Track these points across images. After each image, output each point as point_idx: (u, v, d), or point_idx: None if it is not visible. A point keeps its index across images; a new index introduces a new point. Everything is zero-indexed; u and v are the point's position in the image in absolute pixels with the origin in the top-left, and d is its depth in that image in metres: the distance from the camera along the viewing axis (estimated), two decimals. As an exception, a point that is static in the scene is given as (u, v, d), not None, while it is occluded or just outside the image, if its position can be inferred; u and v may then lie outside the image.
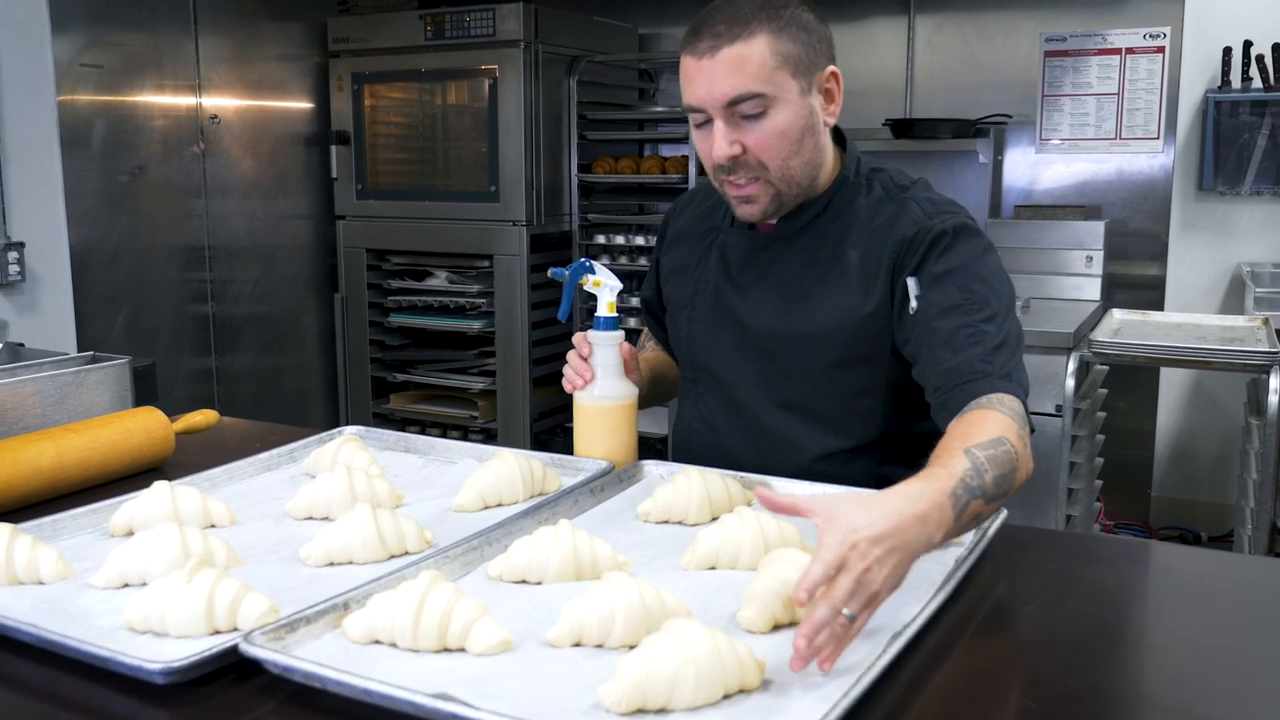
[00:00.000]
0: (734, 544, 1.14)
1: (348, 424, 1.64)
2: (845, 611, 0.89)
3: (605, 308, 1.48)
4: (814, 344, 1.47)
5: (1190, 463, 3.84)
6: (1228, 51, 3.55)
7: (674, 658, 0.83)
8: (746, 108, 1.36)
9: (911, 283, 1.40)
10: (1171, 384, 3.83)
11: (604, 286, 1.49)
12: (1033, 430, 1.31)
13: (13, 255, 3.27)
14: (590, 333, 1.49)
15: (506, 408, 4.16)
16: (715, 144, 1.38)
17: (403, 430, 3.06)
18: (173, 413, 1.64)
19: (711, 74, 1.35)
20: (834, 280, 1.47)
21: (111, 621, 1.02)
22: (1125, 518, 3.88)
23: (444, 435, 4.19)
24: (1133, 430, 3.87)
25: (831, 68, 1.43)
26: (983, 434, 1.18)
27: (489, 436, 4.20)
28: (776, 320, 1.50)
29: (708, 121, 1.39)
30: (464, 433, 4.27)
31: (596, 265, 1.49)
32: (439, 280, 4.29)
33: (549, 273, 1.55)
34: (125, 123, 3.66)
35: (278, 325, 4.30)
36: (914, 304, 1.39)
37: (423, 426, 4.35)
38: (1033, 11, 3.98)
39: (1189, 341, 3.01)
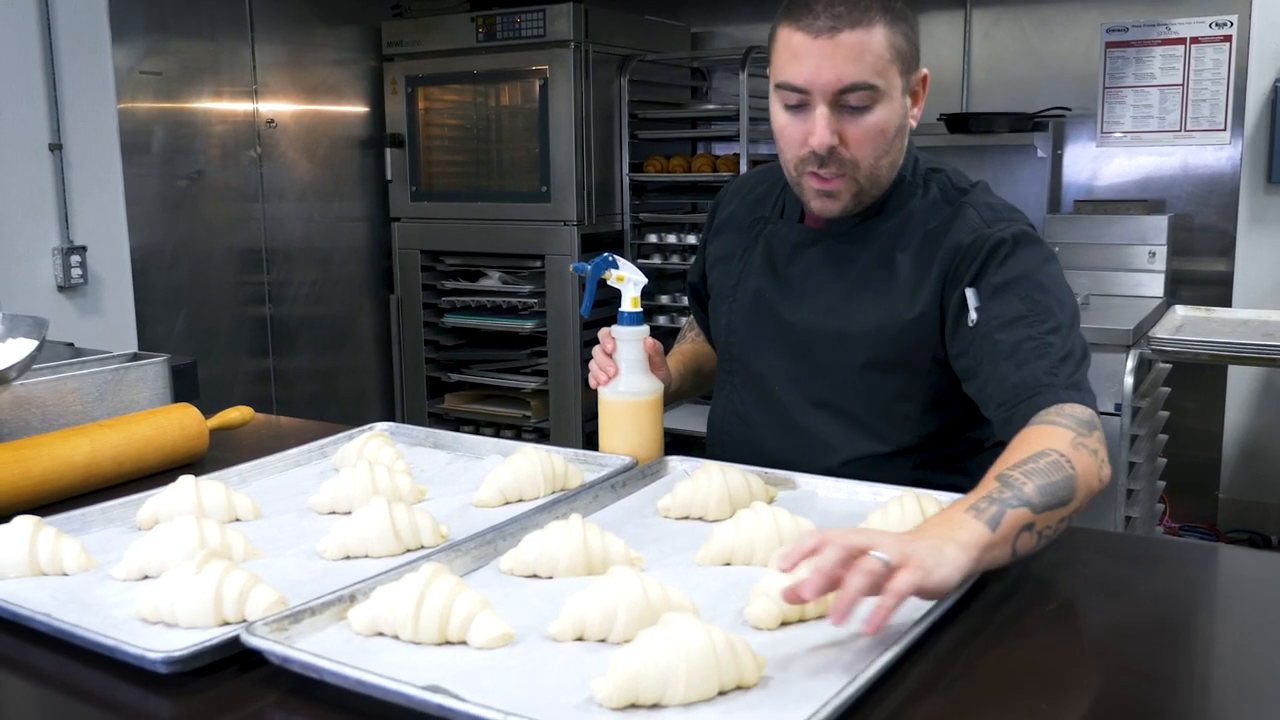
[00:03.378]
0: (749, 540, 1.12)
1: (404, 424, 1.65)
2: (877, 554, 0.90)
3: (629, 303, 1.47)
4: (849, 344, 1.44)
5: (1260, 464, 3.71)
6: (1297, 39, 3.44)
7: (666, 653, 0.82)
8: (855, 98, 1.31)
9: (970, 294, 1.34)
10: (1240, 383, 3.71)
11: (627, 281, 1.48)
12: None
13: (75, 259, 3.35)
14: (614, 328, 1.48)
15: (559, 407, 4.18)
16: (817, 131, 1.32)
17: (457, 430, 3.08)
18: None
19: (828, 56, 1.29)
20: (879, 282, 1.42)
21: (126, 612, 1.03)
22: (1192, 520, 3.77)
23: (497, 434, 4.22)
24: (1200, 430, 3.76)
25: (924, 70, 1.40)
26: (1018, 454, 1.14)
27: (542, 436, 4.22)
28: (816, 317, 1.46)
29: (802, 106, 1.33)
30: (517, 432, 4.29)
31: (620, 260, 1.48)
32: (492, 280, 4.32)
33: (571, 268, 1.54)
34: (184, 128, 3.74)
35: (334, 326, 4.36)
36: (974, 316, 1.34)
37: (477, 426, 4.38)
38: (1093, 2, 3.89)
39: (1255, 338, 2.91)
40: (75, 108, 3.35)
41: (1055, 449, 1.13)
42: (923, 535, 0.98)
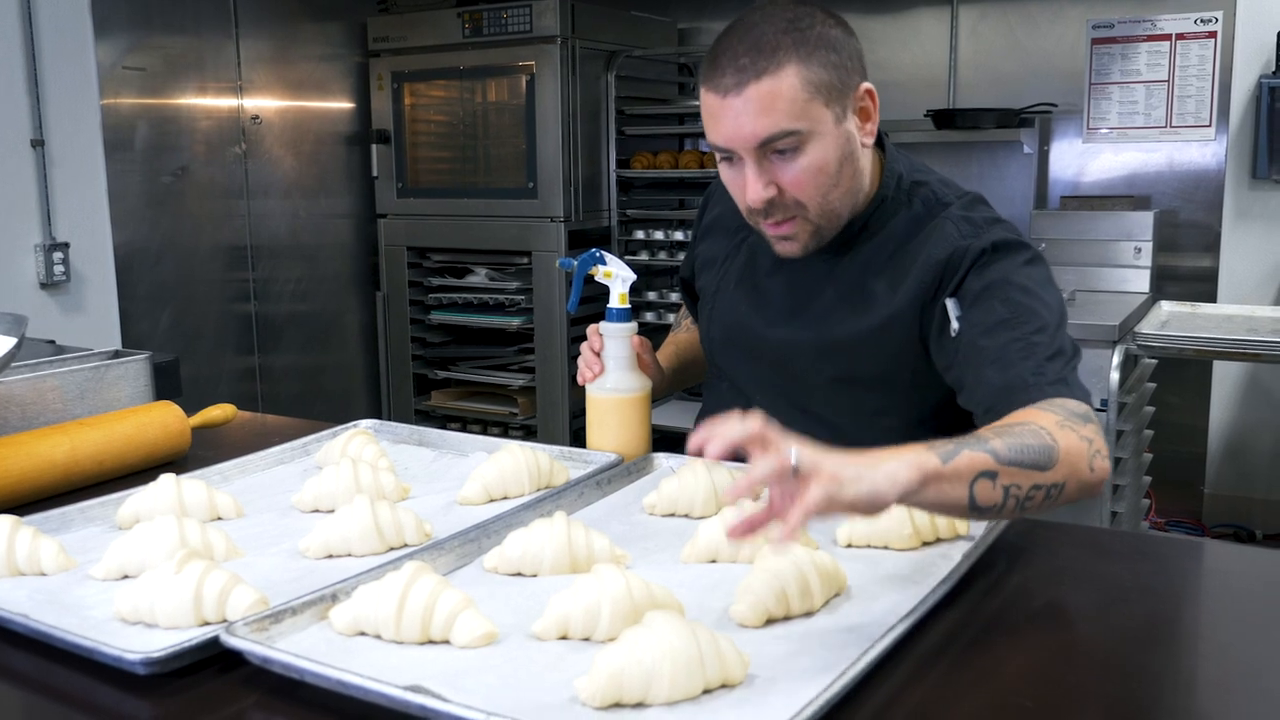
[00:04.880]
0: (734, 537, 1.11)
1: (388, 421, 1.64)
2: (793, 456, 0.88)
3: (617, 299, 1.46)
4: (823, 360, 1.42)
5: (1245, 458, 3.73)
6: (1282, 35, 3.45)
7: (650, 651, 0.81)
8: (780, 145, 1.26)
9: (951, 304, 1.31)
10: (1225, 378, 3.73)
11: (615, 278, 1.47)
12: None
13: (58, 255, 3.33)
14: (601, 324, 1.47)
15: (546, 404, 4.17)
16: (749, 187, 1.29)
17: (444, 427, 3.06)
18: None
19: (739, 113, 1.25)
20: (854, 300, 1.40)
21: (105, 613, 1.02)
22: (1178, 515, 3.79)
23: (484, 432, 4.21)
24: (1185, 426, 3.78)
25: (865, 85, 1.31)
26: (999, 423, 1.09)
27: (529, 433, 4.21)
28: (791, 333, 1.45)
29: (733, 159, 1.31)
30: (504, 429, 4.28)
31: (607, 256, 1.47)
32: (479, 277, 4.31)
33: (557, 263, 1.54)
34: (168, 124, 3.72)
35: (320, 324, 4.35)
36: (955, 325, 1.30)
37: (464, 423, 4.36)
38: (1079, -2, 3.91)
39: (1240, 334, 2.92)
40: (58, 103, 3.33)
41: (1035, 423, 1.08)
42: (863, 456, 0.95)
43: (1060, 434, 1.08)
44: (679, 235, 4.15)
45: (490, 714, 0.76)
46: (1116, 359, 2.94)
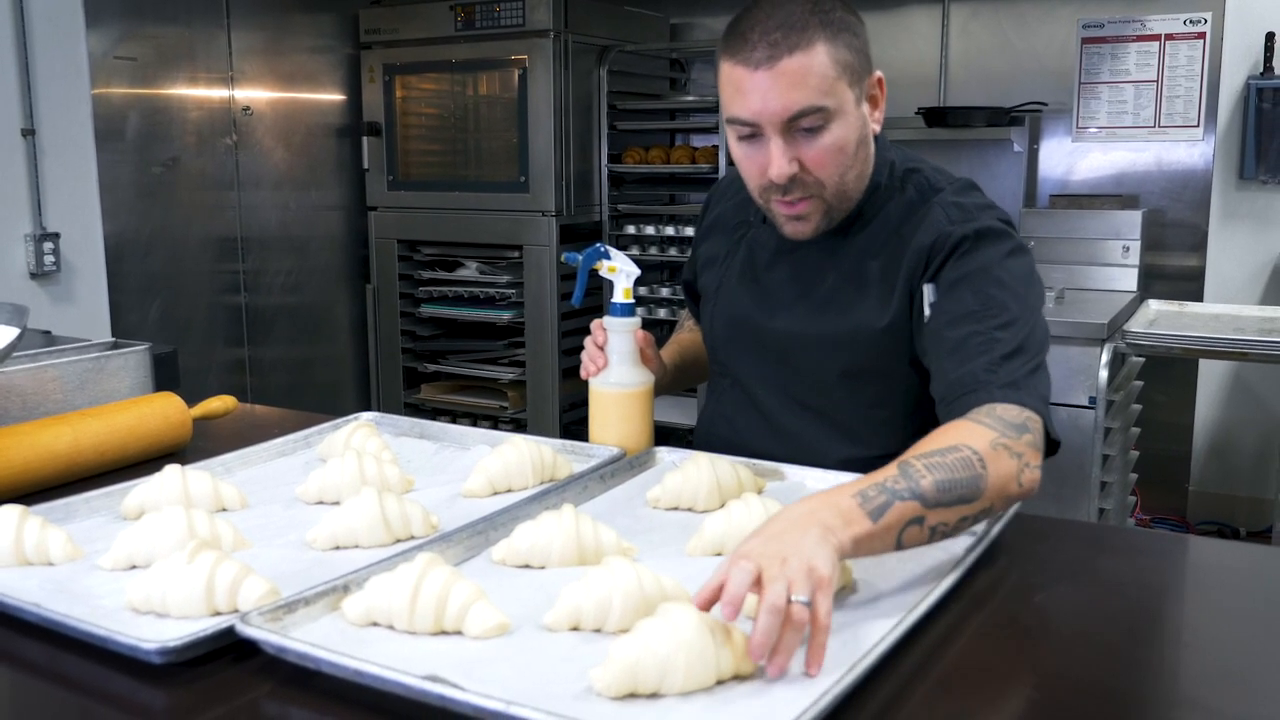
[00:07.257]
0: (739, 530, 1.12)
1: (389, 414, 1.64)
2: (799, 597, 0.85)
3: (621, 294, 1.47)
4: (825, 351, 1.44)
5: (1229, 457, 3.77)
6: (1270, 37, 3.48)
7: (665, 642, 0.82)
8: (807, 122, 1.28)
9: (927, 290, 1.34)
10: (1210, 377, 3.76)
11: (619, 272, 1.47)
12: (1057, 443, 1.23)
13: (48, 246, 3.31)
14: (605, 319, 1.48)
15: (536, 398, 4.17)
16: (774, 162, 1.30)
17: (434, 420, 3.07)
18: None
19: (771, 86, 1.26)
20: (853, 289, 1.42)
21: (115, 602, 1.02)
22: (1162, 512, 3.82)
23: (474, 425, 4.20)
24: (1171, 424, 3.81)
25: (877, 73, 1.37)
26: (934, 444, 1.10)
27: (519, 426, 4.21)
28: (792, 323, 1.46)
29: (755, 136, 1.31)
30: (494, 423, 4.28)
31: (612, 251, 1.48)
32: (469, 271, 4.30)
33: (563, 258, 1.54)
34: (159, 115, 3.70)
35: (310, 316, 4.33)
36: (927, 312, 1.33)
37: (453, 416, 4.36)
38: (1069, -3, 3.93)
39: (1226, 333, 2.95)
40: (49, 93, 3.31)
41: (969, 445, 1.10)
42: (797, 524, 0.94)
43: (991, 458, 1.10)
44: (670, 230, 4.15)
45: (509, 703, 0.77)
46: (1105, 357, 2.97)
